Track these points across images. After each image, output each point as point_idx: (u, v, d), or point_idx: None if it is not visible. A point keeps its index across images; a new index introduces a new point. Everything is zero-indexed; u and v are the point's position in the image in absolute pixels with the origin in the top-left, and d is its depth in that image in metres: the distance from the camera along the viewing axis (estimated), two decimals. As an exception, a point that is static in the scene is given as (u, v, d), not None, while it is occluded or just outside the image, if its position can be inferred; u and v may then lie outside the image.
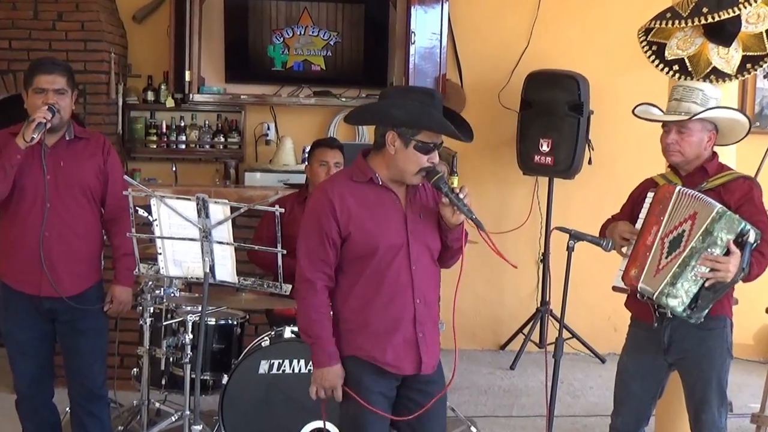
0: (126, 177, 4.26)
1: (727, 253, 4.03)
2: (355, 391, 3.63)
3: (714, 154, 4.37)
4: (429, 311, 3.79)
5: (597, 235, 4.42)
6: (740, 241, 4.03)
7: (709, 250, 4.04)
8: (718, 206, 4.05)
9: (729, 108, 4.35)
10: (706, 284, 4.07)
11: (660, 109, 4.41)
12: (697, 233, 4.07)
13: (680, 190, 4.18)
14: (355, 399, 3.62)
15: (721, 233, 4.02)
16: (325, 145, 5.91)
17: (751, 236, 4.03)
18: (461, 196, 3.57)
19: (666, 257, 4.16)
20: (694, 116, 4.23)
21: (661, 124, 4.39)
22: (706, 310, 4.12)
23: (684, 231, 4.15)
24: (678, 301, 4.11)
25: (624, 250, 4.34)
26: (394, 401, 3.76)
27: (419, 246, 3.69)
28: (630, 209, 4.52)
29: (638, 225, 4.35)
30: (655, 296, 4.17)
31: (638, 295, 4.29)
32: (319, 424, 4.94)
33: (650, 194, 4.34)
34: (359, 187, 3.67)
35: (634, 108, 4.52)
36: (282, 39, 8.08)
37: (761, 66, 4.74)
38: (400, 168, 3.62)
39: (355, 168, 3.73)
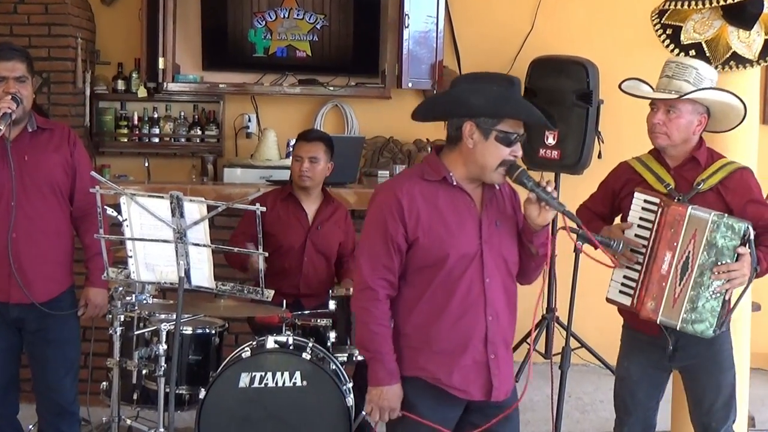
0: (93, 173, 4.23)
1: (737, 258, 4.05)
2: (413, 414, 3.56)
3: (701, 141, 4.38)
4: (502, 330, 3.66)
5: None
6: (745, 239, 4.07)
7: (719, 262, 4.05)
8: (711, 215, 4.08)
9: (724, 90, 4.33)
10: (727, 296, 4.09)
11: (650, 86, 4.41)
12: (699, 248, 4.09)
13: (691, 214, 4.16)
14: (416, 421, 3.54)
15: (725, 241, 4.05)
16: (302, 138, 5.89)
17: (751, 233, 4.08)
18: (549, 189, 3.48)
19: (679, 284, 4.18)
20: (683, 96, 4.24)
21: (649, 102, 4.41)
22: (726, 323, 4.16)
23: (689, 252, 4.16)
24: (705, 324, 4.13)
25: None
26: (455, 427, 3.68)
27: (494, 256, 3.59)
28: (611, 201, 4.56)
29: (630, 234, 4.35)
30: (679, 327, 4.17)
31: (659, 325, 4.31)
32: (305, 442, 4.96)
33: (638, 194, 4.32)
34: (431, 186, 3.57)
35: (622, 82, 4.53)
36: (264, 23, 8.07)
37: (784, 51, 4.75)
38: (479, 163, 3.52)
39: (426, 165, 3.65)
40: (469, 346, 3.55)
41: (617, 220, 4.57)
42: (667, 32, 4.79)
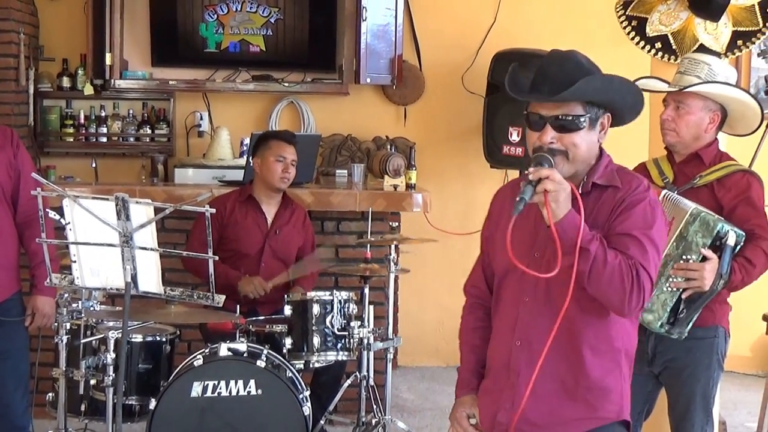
0: (34, 174, 4.20)
1: (704, 259, 4.05)
2: None
3: (713, 141, 4.36)
4: (529, 358, 3.15)
5: None
6: (718, 244, 4.04)
7: (684, 257, 4.06)
8: (693, 207, 4.06)
9: (733, 86, 4.31)
10: (684, 295, 4.10)
11: (667, 83, 4.40)
12: (671, 239, 4.09)
13: (665, 195, 4.19)
14: None
15: (696, 237, 4.03)
16: (284, 140, 5.90)
17: (731, 239, 4.03)
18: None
19: None
20: (684, 89, 4.23)
21: (662, 99, 4.40)
22: (689, 325, 4.15)
23: None
24: (654, 315, 4.14)
25: None
26: None
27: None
28: None
29: None
30: None
31: None
32: (259, 453, 4.94)
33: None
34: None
35: (636, 80, 4.50)
36: (216, 16, 8.06)
37: (754, 43, 4.77)
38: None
39: None
40: (491, 372, 3.33)
41: None
42: (632, 24, 4.81)
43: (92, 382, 5.18)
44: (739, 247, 4.10)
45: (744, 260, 4.13)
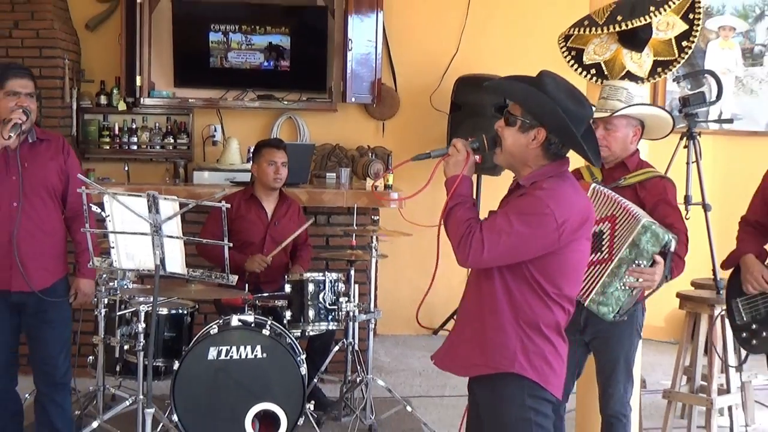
0: (80, 176, 4.20)
1: (653, 264, 4.03)
2: None
3: (636, 151, 4.39)
4: (461, 313, 3.41)
5: None
6: (664, 251, 4.04)
7: (636, 261, 4.04)
8: (644, 219, 4.01)
9: (651, 105, 4.37)
10: (634, 293, 4.11)
11: (593, 105, 4.42)
12: (624, 244, 4.03)
13: (595, 187, 4.19)
14: None
15: (647, 246, 3.99)
16: (273, 146, 5.92)
17: (672, 245, 4.03)
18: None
19: (597, 268, 4.12)
20: (615, 113, 4.25)
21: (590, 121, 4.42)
22: (628, 312, 4.18)
23: (603, 232, 4.12)
24: (608, 308, 4.10)
25: None
26: None
27: None
28: None
29: None
30: (586, 304, 4.13)
31: None
32: (264, 406, 4.93)
33: (597, 187, 4.35)
34: None
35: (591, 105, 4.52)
36: (227, 46, 8.01)
37: (671, 70, 4.79)
38: None
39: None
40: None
41: None
42: (572, 54, 4.81)
43: (126, 347, 5.19)
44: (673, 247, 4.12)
45: (676, 257, 4.14)
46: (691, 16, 4.69)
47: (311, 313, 5.43)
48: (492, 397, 3.19)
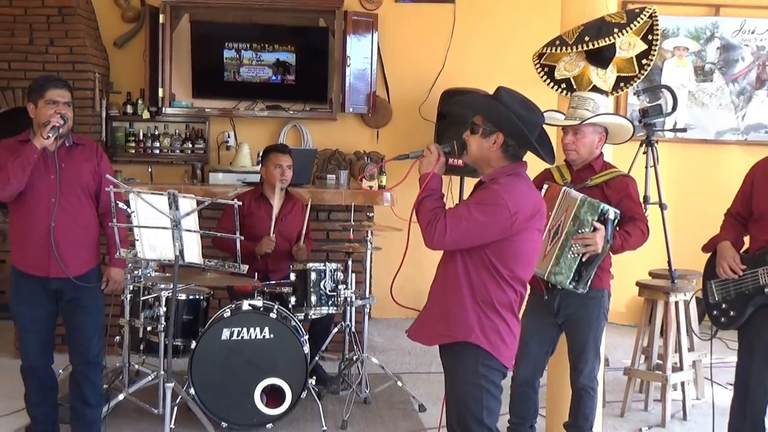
0: (108, 176, 4.18)
1: (593, 230, 4.10)
2: None
3: (600, 154, 4.42)
4: (435, 289, 3.47)
5: None
6: (602, 219, 4.11)
7: (579, 230, 4.11)
8: (581, 196, 4.15)
9: (615, 114, 4.40)
10: (584, 258, 4.15)
11: (563, 114, 4.45)
12: (568, 220, 4.15)
13: (568, 192, 4.22)
14: None
15: (586, 216, 4.11)
16: (279, 151, 5.90)
17: (611, 214, 4.12)
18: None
19: (550, 244, 4.23)
20: (583, 121, 4.27)
21: (559, 128, 4.47)
22: (589, 281, 4.19)
23: (560, 223, 4.21)
24: (563, 276, 4.18)
25: None
26: None
27: None
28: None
29: None
30: (546, 276, 4.24)
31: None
32: (270, 381, 4.93)
33: (545, 186, 4.37)
34: None
35: (544, 112, 4.53)
36: (240, 62, 8.00)
37: (631, 84, 4.79)
38: None
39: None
40: None
41: None
42: (545, 70, 4.81)
43: (148, 328, 5.19)
44: (617, 219, 4.17)
45: (624, 232, 4.21)
46: (650, 37, 4.70)
47: (313, 298, 5.43)
48: (452, 363, 3.32)
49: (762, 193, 4.29)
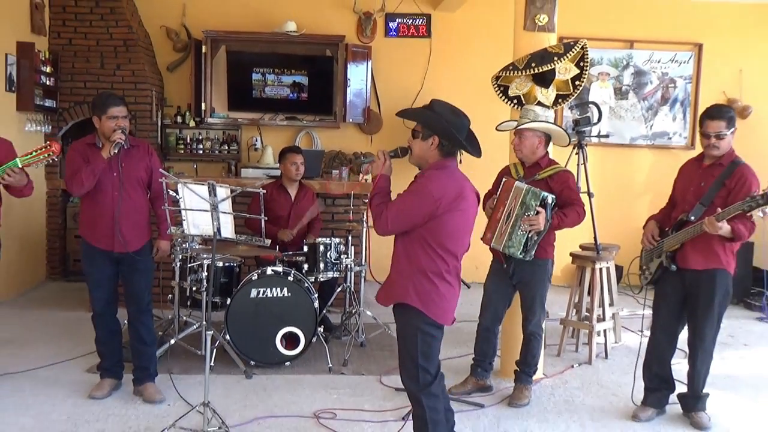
0: (161, 170, 4.14)
1: (536, 213, 4.10)
2: None
3: (546, 153, 4.38)
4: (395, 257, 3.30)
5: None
6: (543, 204, 4.11)
7: (526, 214, 4.11)
8: (526, 186, 4.16)
9: (545, 122, 4.36)
10: (530, 235, 4.13)
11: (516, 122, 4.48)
12: (517, 206, 4.15)
13: (517, 185, 4.20)
14: None
15: (531, 202, 4.12)
16: (294, 151, 5.83)
17: (549, 200, 4.13)
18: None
19: (504, 225, 4.22)
20: (519, 127, 4.29)
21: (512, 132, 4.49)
22: (534, 251, 4.19)
23: (512, 208, 4.21)
24: (515, 248, 4.19)
25: None
26: None
27: None
28: (496, 184, 4.54)
29: (494, 201, 4.39)
30: (502, 249, 4.24)
31: (490, 248, 4.33)
32: (288, 329, 4.88)
33: (504, 179, 4.36)
34: None
35: (499, 124, 4.56)
36: (265, 83, 7.90)
37: (567, 101, 4.76)
38: None
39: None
40: None
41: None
42: (501, 89, 4.77)
43: (193, 288, 5.12)
44: (554, 203, 4.16)
45: (562, 214, 4.21)
46: (581, 64, 4.67)
47: (321, 265, 5.37)
48: (399, 319, 3.26)
49: (679, 186, 4.29)
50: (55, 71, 7.28)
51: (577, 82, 4.67)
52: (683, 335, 4.27)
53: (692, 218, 3.98)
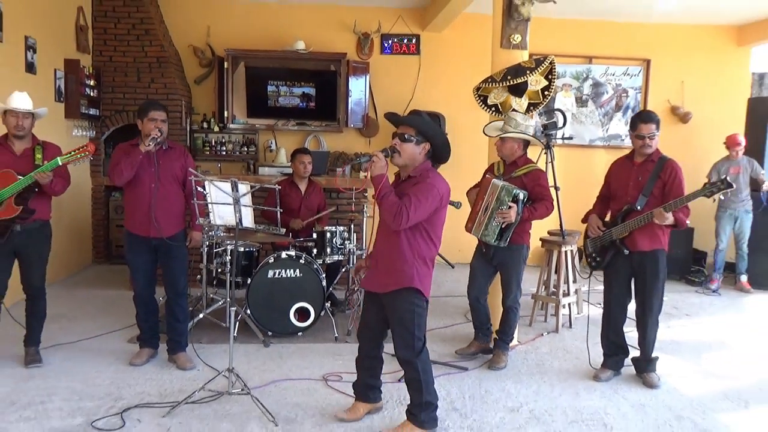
0: (190, 169, 4.06)
1: (509, 207, 4.05)
2: None
3: (523, 154, 4.33)
4: (376, 250, 3.25)
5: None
6: (515, 199, 4.07)
7: (501, 208, 4.08)
8: (501, 183, 4.11)
9: (521, 133, 4.31)
10: (503, 225, 4.11)
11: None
12: (493, 200, 4.11)
13: (494, 182, 4.16)
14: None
15: (505, 197, 4.08)
16: (303, 152, 5.75)
17: (520, 196, 4.10)
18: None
19: (483, 216, 4.19)
20: (503, 134, 4.22)
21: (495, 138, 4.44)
22: (508, 239, 4.15)
23: (489, 203, 4.17)
24: (490, 237, 4.17)
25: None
26: None
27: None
28: (482, 179, 4.47)
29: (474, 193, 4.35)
30: (480, 237, 4.22)
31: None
32: (300, 304, 4.83)
33: (487, 175, 4.32)
34: None
35: (485, 126, 4.52)
36: (278, 93, 7.80)
37: (538, 108, 4.70)
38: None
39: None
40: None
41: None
42: (481, 98, 4.71)
43: (219, 270, 5.06)
44: (526, 199, 4.12)
45: (532, 208, 4.16)
46: (549, 77, 4.62)
47: (328, 249, 5.30)
48: (394, 300, 3.18)
49: (614, 181, 4.24)
50: (98, 84, 7.19)
51: (546, 92, 4.61)
52: (631, 306, 4.24)
53: (638, 207, 3.95)
